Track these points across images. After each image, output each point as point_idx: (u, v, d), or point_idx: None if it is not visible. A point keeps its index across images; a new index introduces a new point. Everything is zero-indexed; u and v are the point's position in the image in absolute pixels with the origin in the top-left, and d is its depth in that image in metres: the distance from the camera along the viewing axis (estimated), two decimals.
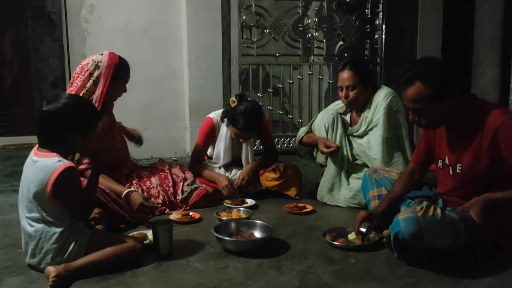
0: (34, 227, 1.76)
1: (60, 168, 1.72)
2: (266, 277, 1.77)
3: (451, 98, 1.85)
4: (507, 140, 1.79)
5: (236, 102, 2.82)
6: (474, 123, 1.88)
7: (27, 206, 1.78)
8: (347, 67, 2.76)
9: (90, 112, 1.89)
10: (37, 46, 5.58)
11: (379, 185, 2.36)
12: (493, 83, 4.38)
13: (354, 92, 2.74)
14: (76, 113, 1.80)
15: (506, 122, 1.80)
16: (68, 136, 1.79)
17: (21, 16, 5.56)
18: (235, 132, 2.83)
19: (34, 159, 1.79)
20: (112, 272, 1.78)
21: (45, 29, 5.42)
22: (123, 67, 2.52)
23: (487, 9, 4.38)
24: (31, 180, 1.76)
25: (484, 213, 1.77)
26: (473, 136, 1.88)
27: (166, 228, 1.95)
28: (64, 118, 1.77)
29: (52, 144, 1.79)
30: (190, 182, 2.74)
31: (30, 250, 1.79)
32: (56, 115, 1.76)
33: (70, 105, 1.79)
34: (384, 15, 4.56)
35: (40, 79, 5.69)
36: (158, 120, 4.24)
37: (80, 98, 1.93)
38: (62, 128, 1.78)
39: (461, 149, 1.93)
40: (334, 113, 2.84)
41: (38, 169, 1.75)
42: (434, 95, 1.83)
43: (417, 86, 1.84)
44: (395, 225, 1.79)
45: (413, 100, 1.87)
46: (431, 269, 1.80)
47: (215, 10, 4.19)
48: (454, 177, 1.98)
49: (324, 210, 2.70)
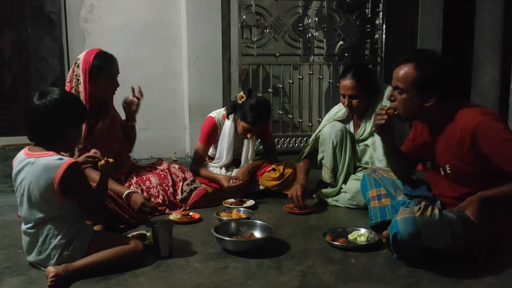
0: (40, 226, 1.76)
1: (64, 165, 1.71)
2: (266, 277, 1.77)
3: (432, 98, 1.88)
4: (485, 141, 1.80)
5: (244, 97, 2.82)
6: (453, 126, 1.89)
7: (32, 208, 1.76)
8: (349, 75, 2.68)
9: (81, 105, 1.90)
10: (36, 46, 5.57)
11: (379, 185, 2.36)
12: (494, 83, 4.37)
13: (357, 101, 2.71)
14: (70, 106, 1.80)
15: (483, 123, 1.81)
16: (64, 130, 1.78)
17: (21, 16, 5.55)
18: (244, 126, 2.82)
19: (29, 160, 1.76)
20: (112, 272, 1.77)
21: (44, 29, 5.41)
22: (102, 60, 2.41)
23: (488, 9, 4.38)
24: (32, 181, 1.74)
25: (480, 211, 1.78)
26: (454, 138, 1.89)
27: (166, 228, 1.95)
28: (60, 111, 1.76)
29: (46, 140, 1.78)
30: (190, 182, 2.74)
31: (36, 248, 1.78)
32: (52, 108, 1.74)
33: (64, 98, 1.79)
34: (385, 14, 4.56)
35: (39, 79, 5.68)
36: (158, 120, 4.23)
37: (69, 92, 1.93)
38: (58, 121, 1.76)
39: (445, 151, 1.95)
40: (343, 128, 2.77)
41: (39, 169, 1.72)
42: (419, 82, 1.87)
43: (408, 66, 1.90)
44: (393, 226, 1.79)
45: (399, 79, 1.92)
46: (431, 269, 1.80)
47: (215, 10, 4.18)
48: (446, 177, 1.99)
49: (324, 210, 2.70)
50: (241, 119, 2.82)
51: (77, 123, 1.85)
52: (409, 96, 1.91)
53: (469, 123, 1.83)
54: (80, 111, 1.86)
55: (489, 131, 1.80)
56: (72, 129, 1.82)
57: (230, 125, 2.91)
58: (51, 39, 5.39)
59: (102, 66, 2.42)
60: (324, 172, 2.83)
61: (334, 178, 2.79)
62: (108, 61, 2.44)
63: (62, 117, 1.76)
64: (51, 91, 1.78)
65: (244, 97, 2.82)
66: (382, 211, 2.26)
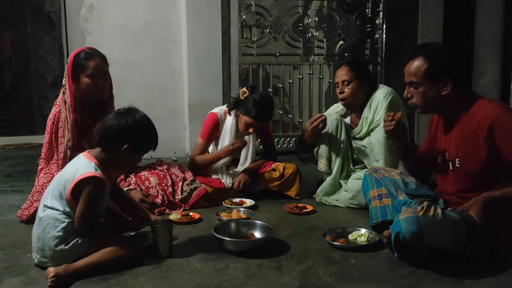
0: (47, 212, 1.79)
1: (87, 174, 1.76)
2: (266, 277, 1.76)
3: (447, 85, 1.90)
4: (502, 134, 1.81)
5: (247, 93, 2.83)
6: (470, 116, 1.91)
7: (52, 194, 1.81)
8: (343, 65, 2.80)
9: (156, 138, 1.93)
10: (36, 46, 5.58)
11: (380, 185, 2.35)
12: (494, 83, 4.38)
13: (349, 88, 2.73)
14: (152, 133, 1.90)
15: (501, 116, 1.82)
16: (132, 151, 1.84)
17: (21, 16, 5.56)
18: (247, 121, 2.81)
19: (80, 156, 1.85)
20: (112, 272, 1.77)
21: (44, 28, 5.42)
22: (83, 58, 2.39)
23: (488, 9, 4.38)
24: (66, 172, 1.82)
25: (483, 212, 1.78)
26: (470, 130, 1.90)
27: (166, 228, 1.94)
28: (138, 134, 1.84)
29: (111, 148, 1.83)
30: (190, 182, 2.73)
31: (37, 234, 1.81)
32: (134, 128, 1.83)
33: (146, 123, 1.89)
34: (385, 14, 4.56)
35: (39, 79, 5.69)
36: (157, 120, 4.13)
37: (150, 122, 1.96)
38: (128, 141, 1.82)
39: (459, 142, 1.96)
40: (338, 117, 2.80)
41: (75, 166, 1.81)
42: (431, 72, 1.89)
43: (417, 60, 1.93)
44: (395, 225, 1.78)
45: (411, 74, 1.94)
46: (432, 269, 1.80)
47: (215, 10, 4.18)
48: (454, 172, 1.99)
49: (324, 210, 2.70)
50: (244, 114, 2.81)
51: (137, 149, 1.88)
52: (425, 88, 1.93)
53: (488, 115, 1.84)
54: (149, 141, 1.90)
55: (507, 125, 1.81)
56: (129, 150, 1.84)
57: (232, 122, 2.90)
58: (51, 39, 5.40)
59: (82, 64, 2.39)
60: (320, 161, 2.83)
61: (329, 167, 2.80)
62: (87, 59, 2.39)
63: (144, 139, 1.87)
64: (137, 112, 1.87)
65: (247, 93, 2.82)
66: (383, 210, 2.26)
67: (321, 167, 2.84)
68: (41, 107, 5.56)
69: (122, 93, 2.70)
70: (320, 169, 2.85)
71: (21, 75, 5.72)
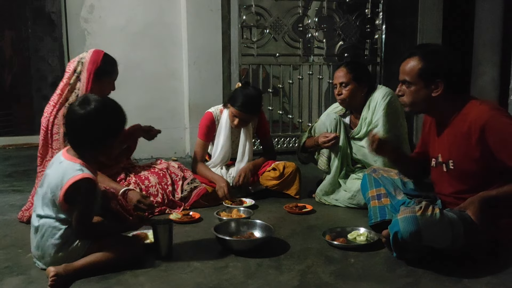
0: (42, 221, 1.78)
1: (77, 177, 1.73)
2: (266, 277, 1.77)
3: (439, 88, 1.91)
4: (494, 135, 1.82)
5: (239, 85, 2.90)
6: (462, 117, 1.91)
7: (43, 203, 1.79)
8: (342, 66, 2.81)
9: (121, 116, 1.86)
10: (37, 46, 5.59)
11: (378, 185, 2.36)
12: (493, 83, 4.39)
13: (347, 89, 2.74)
14: (112, 113, 1.81)
15: (493, 117, 1.83)
16: (101, 141, 1.79)
17: (21, 16, 5.56)
18: (233, 112, 2.82)
19: (60, 159, 1.80)
20: (112, 272, 1.77)
21: (45, 29, 5.43)
22: (108, 63, 2.49)
23: (487, 10, 4.39)
24: (52, 179, 1.77)
25: (481, 212, 1.79)
26: (461, 131, 1.91)
27: (166, 228, 1.95)
28: (104, 119, 1.77)
29: (81, 147, 1.79)
30: (190, 181, 2.74)
31: (35, 242, 1.81)
32: (96, 116, 1.75)
33: (107, 105, 1.79)
34: (384, 15, 4.57)
35: (40, 79, 5.70)
36: (158, 120, 4.19)
37: (109, 98, 1.90)
38: (101, 130, 1.77)
39: (451, 144, 1.96)
40: (337, 117, 2.81)
41: (60, 171, 1.76)
42: (424, 72, 1.91)
43: (413, 59, 1.95)
44: (394, 225, 1.79)
45: (405, 72, 1.97)
46: (431, 268, 1.81)
47: (215, 10, 4.19)
48: (448, 174, 1.99)
49: (324, 210, 2.71)
50: (231, 104, 2.84)
51: (115, 134, 1.83)
52: (416, 88, 1.95)
53: (480, 117, 1.84)
54: (120, 121, 1.85)
55: (499, 126, 1.81)
56: (110, 140, 1.81)
57: (227, 117, 2.93)
58: (52, 39, 5.41)
59: (108, 69, 2.49)
60: (320, 160, 2.85)
61: (328, 165, 2.81)
62: (113, 65, 2.52)
63: (107, 125, 1.78)
64: (93, 99, 1.78)
65: (239, 85, 2.90)
66: (381, 210, 2.26)
67: (321, 166, 2.85)
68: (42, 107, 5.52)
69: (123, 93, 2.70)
70: (320, 168, 2.87)
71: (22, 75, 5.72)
